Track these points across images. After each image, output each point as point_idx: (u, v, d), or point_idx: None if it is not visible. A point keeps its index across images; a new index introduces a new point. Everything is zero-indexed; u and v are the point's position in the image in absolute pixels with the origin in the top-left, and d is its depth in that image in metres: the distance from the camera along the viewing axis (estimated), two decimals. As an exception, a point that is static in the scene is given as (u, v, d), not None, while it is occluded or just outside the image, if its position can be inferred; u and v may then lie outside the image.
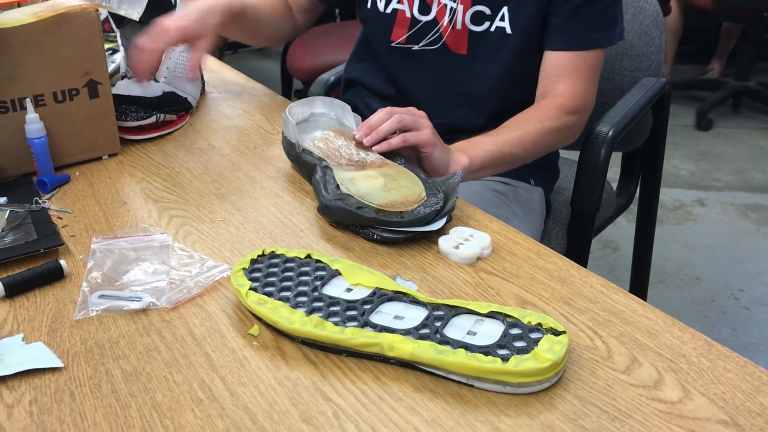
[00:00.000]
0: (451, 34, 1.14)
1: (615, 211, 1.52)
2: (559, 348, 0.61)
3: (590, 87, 1.15)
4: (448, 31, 1.14)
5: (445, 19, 1.14)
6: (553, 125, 1.10)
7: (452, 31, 1.14)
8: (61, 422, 0.59)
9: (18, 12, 0.97)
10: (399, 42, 1.19)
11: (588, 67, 1.13)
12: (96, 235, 0.85)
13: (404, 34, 1.17)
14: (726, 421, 0.58)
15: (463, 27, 1.13)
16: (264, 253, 0.77)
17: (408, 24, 1.17)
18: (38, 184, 0.98)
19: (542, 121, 1.09)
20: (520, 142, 1.07)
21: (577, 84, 1.13)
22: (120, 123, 1.11)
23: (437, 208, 0.84)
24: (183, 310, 0.73)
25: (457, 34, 1.14)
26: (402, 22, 1.17)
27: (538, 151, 1.12)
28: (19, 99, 0.97)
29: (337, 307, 0.68)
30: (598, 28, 1.12)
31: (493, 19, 1.12)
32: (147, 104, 1.15)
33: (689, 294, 2.13)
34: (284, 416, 0.59)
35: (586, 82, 1.14)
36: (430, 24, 1.15)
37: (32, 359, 0.65)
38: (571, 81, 1.12)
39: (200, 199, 0.95)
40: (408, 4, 1.16)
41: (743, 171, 2.95)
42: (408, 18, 1.16)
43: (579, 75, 1.13)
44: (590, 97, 1.15)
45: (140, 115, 1.13)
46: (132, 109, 1.13)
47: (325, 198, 0.87)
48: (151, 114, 1.14)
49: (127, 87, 1.16)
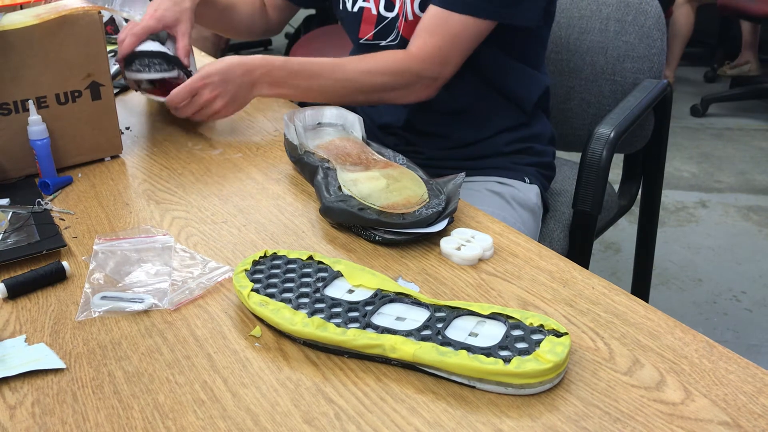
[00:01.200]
0: (405, 26, 1.15)
1: (617, 212, 1.52)
2: (560, 349, 0.62)
3: (445, 52, 1.09)
4: (403, 23, 1.15)
5: (402, 13, 1.15)
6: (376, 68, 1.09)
7: (405, 22, 1.15)
8: (63, 423, 0.59)
9: (20, 14, 0.97)
10: (367, 39, 1.20)
11: (449, 32, 1.07)
12: (98, 236, 0.85)
13: (371, 30, 1.19)
14: (728, 423, 0.58)
15: (414, 16, 1.14)
16: (266, 255, 0.77)
17: (374, 21, 1.18)
18: (41, 186, 0.98)
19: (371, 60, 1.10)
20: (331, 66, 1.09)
21: (430, 44, 1.08)
22: (143, 75, 1.13)
23: (439, 209, 0.84)
24: (185, 311, 0.73)
25: (410, 25, 1.15)
26: (368, 19, 1.18)
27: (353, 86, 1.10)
28: (21, 101, 0.98)
29: (338, 309, 0.69)
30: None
31: None
32: (169, 58, 1.15)
33: (691, 296, 2.13)
34: (286, 417, 0.59)
35: (441, 45, 1.08)
36: (394, 20, 1.17)
37: (34, 360, 0.65)
38: (427, 39, 1.08)
39: (202, 201, 0.95)
40: (374, 2, 1.17)
41: (745, 173, 2.94)
42: (374, 15, 1.18)
43: (436, 36, 1.08)
44: (439, 61, 1.09)
45: (164, 68, 1.13)
46: (155, 61, 1.13)
47: (327, 199, 0.87)
48: (173, 68, 1.14)
49: (143, 44, 1.15)
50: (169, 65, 1.14)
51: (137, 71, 1.13)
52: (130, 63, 1.14)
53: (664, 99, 1.41)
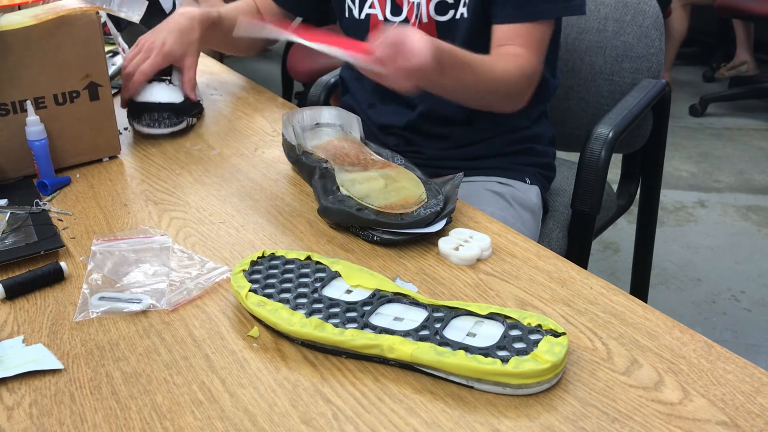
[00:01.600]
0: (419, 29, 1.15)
1: (615, 212, 1.52)
2: (558, 349, 0.61)
3: (537, 58, 1.11)
4: (416, 26, 1.15)
5: (413, 16, 1.15)
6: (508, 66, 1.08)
7: (419, 25, 1.14)
8: (61, 424, 0.59)
9: (18, 15, 0.97)
10: None
11: (535, 39, 1.10)
12: (96, 237, 0.85)
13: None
14: (726, 423, 0.58)
15: (429, 19, 1.14)
16: (264, 255, 0.77)
17: (381, 27, 1.17)
18: (39, 186, 0.98)
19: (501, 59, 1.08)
20: (481, 63, 1.05)
21: (524, 51, 1.10)
22: (152, 130, 1.14)
23: (437, 209, 0.84)
24: (183, 311, 0.73)
25: (424, 28, 1.14)
26: (376, 25, 1.18)
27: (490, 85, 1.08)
28: (19, 101, 0.98)
29: (336, 309, 0.68)
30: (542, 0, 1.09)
31: (456, 6, 1.12)
32: (178, 110, 1.16)
33: (690, 295, 2.13)
34: (284, 418, 0.59)
35: (532, 52, 1.10)
36: (402, 24, 1.16)
37: (32, 361, 0.65)
38: (519, 48, 1.10)
39: (200, 201, 0.95)
40: (380, 8, 1.17)
41: (744, 172, 2.95)
42: (381, 21, 1.18)
43: (526, 46, 1.10)
44: (537, 65, 1.11)
45: (173, 121, 1.14)
46: (165, 115, 1.14)
47: (325, 200, 0.87)
48: (182, 120, 1.16)
49: (150, 93, 1.16)
50: (178, 118, 1.15)
51: (147, 126, 1.14)
52: (139, 115, 1.15)
53: (663, 99, 1.41)
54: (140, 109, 1.15)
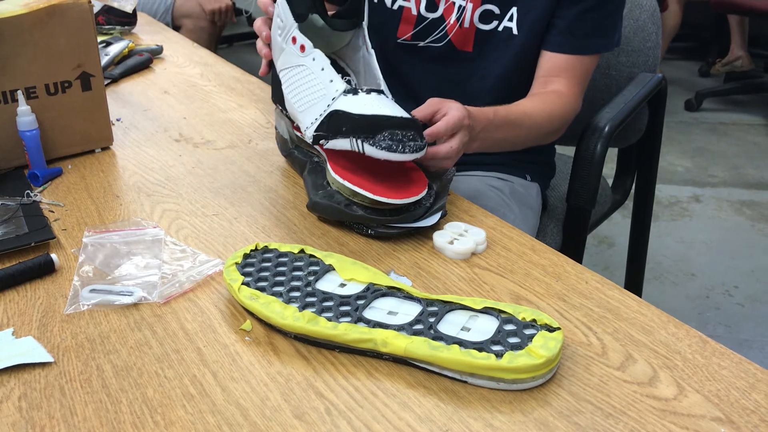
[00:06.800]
0: (457, 32, 1.13)
1: (610, 206, 1.52)
2: (553, 344, 0.61)
3: (580, 91, 1.15)
4: (455, 29, 1.13)
5: (453, 16, 1.13)
6: (554, 111, 1.10)
7: (459, 29, 1.13)
8: (50, 418, 0.58)
9: (9, 3, 0.96)
10: (405, 39, 1.18)
11: (583, 71, 1.14)
12: (88, 228, 0.84)
13: (410, 31, 1.17)
14: (720, 418, 0.58)
15: (471, 25, 1.13)
16: (257, 248, 0.76)
17: (414, 21, 1.16)
18: (30, 177, 0.97)
19: (546, 104, 1.10)
20: (522, 115, 1.06)
21: (570, 86, 1.13)
22: (393, 156, 0.79)
23: (427, 204, 0.84)
24: (175, 304, 0.72)
25: (464, 33, 1.13)
26: (408, 19, 1.17)
27: (536, 134, 1.11)
28: (10, 91, 0.97)
29: (330, 303, 0.68)
30: (599, 34, 1.12)
31: (501, 18, 1.12)
32: (419, 128, 0.84)
33: (684, 290, 2.14)
34: (276, 412, 0.59)
35: (578, 85, 1.14)
36: (437, 21, 1.15)
37: (22, 354, 0.65)
38: (566, 81, 1.13)
39: (193, 193, 0.95)
40: (414, 2, 1.16)
41: (738, 167, 2.95)
42: (414, 15, 1.16)
43: (574, 78, 1.13)
44: (579, 101, 1.15)
45: (417, 145, 0.81)
46: (410, 135, 0.80)
47: (315, 195, 0.86)
48: (424, 144, 0.82)
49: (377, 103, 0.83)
50: (421, 140, 0.82)
51: (387, 149, 0.79)
52: (372, 134, 0.80)
53: (659, 93, 1.41)
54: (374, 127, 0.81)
